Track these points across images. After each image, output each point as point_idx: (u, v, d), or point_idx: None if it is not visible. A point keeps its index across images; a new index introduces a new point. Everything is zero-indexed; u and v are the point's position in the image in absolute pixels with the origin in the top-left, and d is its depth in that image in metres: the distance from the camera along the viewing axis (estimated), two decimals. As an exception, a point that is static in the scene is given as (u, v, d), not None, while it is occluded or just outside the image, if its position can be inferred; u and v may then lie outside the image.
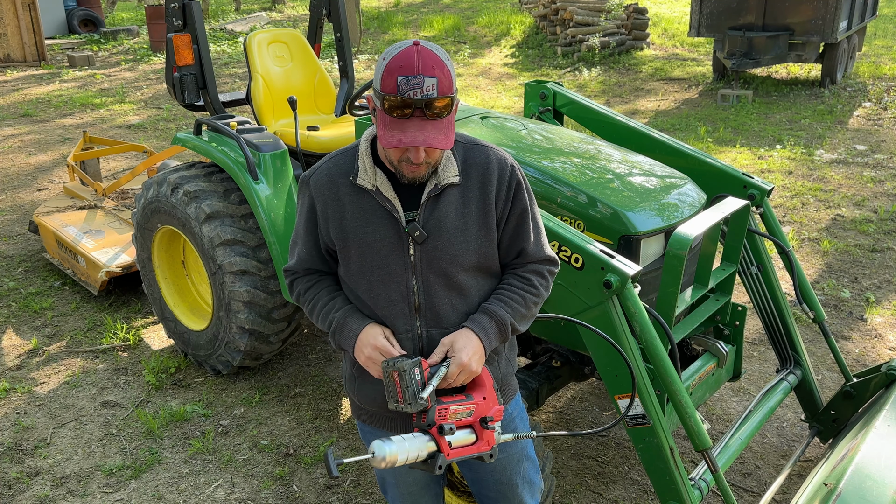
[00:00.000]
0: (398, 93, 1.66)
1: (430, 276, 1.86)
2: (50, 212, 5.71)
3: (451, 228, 1.85)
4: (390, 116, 1.70)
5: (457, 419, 1.78)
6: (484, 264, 1.91)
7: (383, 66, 1.69)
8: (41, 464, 3.50)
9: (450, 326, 1.88)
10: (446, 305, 1.88)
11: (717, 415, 3.75)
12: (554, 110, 3.85)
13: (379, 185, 1.84)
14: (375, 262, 1.86)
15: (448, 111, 1.72)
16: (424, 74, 1.66)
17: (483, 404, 1.81)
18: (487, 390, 1.82)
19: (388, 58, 1.69)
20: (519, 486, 2.12)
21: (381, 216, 1.85)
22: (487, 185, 1.87)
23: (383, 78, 1.68)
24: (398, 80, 1.66)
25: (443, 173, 1.84)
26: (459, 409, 1.77)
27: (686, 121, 9.48)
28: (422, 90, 1.66)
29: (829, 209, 6.43)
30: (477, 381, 1.83)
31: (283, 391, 4.04)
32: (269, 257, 3.71)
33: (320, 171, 1.92)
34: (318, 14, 4.57)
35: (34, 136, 9.66)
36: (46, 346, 4.56)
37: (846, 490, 2.26)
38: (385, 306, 1.88)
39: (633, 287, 2.41)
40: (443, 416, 1.75)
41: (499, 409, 1.82)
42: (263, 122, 4.15)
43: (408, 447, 1.70)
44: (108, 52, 16.30)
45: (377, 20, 17.66)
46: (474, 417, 1.80)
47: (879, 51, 13.59)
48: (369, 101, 1.80)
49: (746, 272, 3.25)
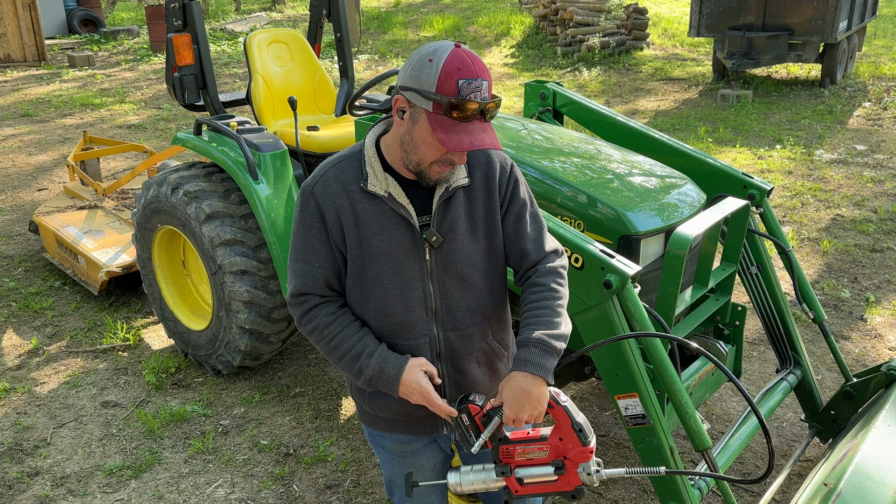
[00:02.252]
0: (460, 95, 1.65)
1: (446, 280, 1.86)
2: (50, 212, 5.71)
3: (463, 230, 1.85)
4: (450, 119, 1.67)
5: (527, 458, 1.77)
6: (494, 263, 1.93)
7: (438, 68, 1.66)
8: (41, 464, 3.50)
9: (466, 327, 1.89)
10: (462, 308, 1.89)
11: (717, 415, 3.75)
12: (554, 110, 3.85)
13: (391, 191, 1.81)
14: (392, 270, 1.83)
15: (497, 112, 1.75)
16: (481, 78, 1.67)
17: (559, 445, 1.77)
18: (564, 431, 1.76)
19: (439, 60, 1.66)
20: None
21: (395, 222, 1.81)
22: (492, 183, 1.88)
23: (441, 80, 1.65)
24: (459, 83, 1.65)
25: (452, 176, 1.84)
26: (530, 449, 1.77)
27: (686, 121, 9.48)
28: (480, 93, 1.67)
29: (829, 209, 6.43)
30: (558, 421, 1.77)
31: (283, 391, 4.04)
32: (269, 257, 3.71)
33: (326, 179, 1.84)
34: (318, 14, 4.57)
35: (34, 136, 9.66)
36: (46, 346, 4.56)
37: (846, 490, 2.26)
38: (401, 313, 1.86)
39: (633, 287, 2.41)
40: (509, 455, 1.77)
41: (582, 450, 1.75)
42: (263, 122, 4.15)
43: (474, 479, 1.80)
44: (108, 52, 16.30)
45: (377, 20, 17.66)
46: (549, 457, 1.77)
47: (879, 51, 13.59)
48: (397, 102, 1.74)
49: (746, 272, 3.25)
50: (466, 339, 1.91)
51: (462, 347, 1.91)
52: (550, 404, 1.77)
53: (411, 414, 1.94)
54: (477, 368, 1.95)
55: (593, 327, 2.50)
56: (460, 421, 1.79)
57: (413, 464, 2.04)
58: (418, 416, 1.95)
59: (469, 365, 1.93)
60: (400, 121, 1.76)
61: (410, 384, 1.80)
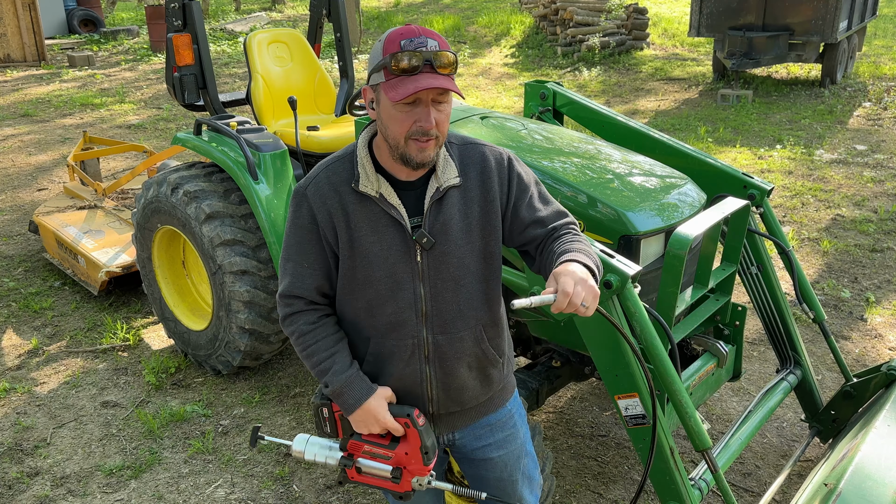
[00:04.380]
0: (402, 49, 1.66)
1: (437, 282, 1.83)
2: (50, 212, 5.71)
3: (457, 231, 1.82)
4: (397, 76, 1.67)
5: (371, 456, 1.88)
6: (489, 266, 1.89)
7: (382, 41, 1.71)
8: (41, 464, 3.50)
9: (456, 331, 1.86)
10: (453, 310, 1.86)
11: (717, 415, 3.75)
12: (554, 110, 3.84)
13: (383, 192, 1.79)
14: (382, 272, 1.81)
15: (454, 70, 1.71)
16: (425, 36, 1.68)
17: (403, 457, 1.86)
18: (412, 449, 1.85)
19: (385, 35, 1.72)
20: (519, 482, 2.12)
21: (386, 224, 1.80)
22: (488, 183, 1.85)
23: (385, 47, 1.69)
24: (401, 43, 1.67)
25: (443, 176, 1.81)
26: (375, 451, 1.88)
27: (686, 121, 9.48)
28: (426, 47, 1.67)
29: (829, 209, 6.43)
30: (407, 436, 1.85)
31: (283, 391, 4.04)
32: (269, 257, 3.71)
33: (318, 180, 1.83)
34: (318, 14, 4.57)
35: (34, 136, 9.66)
36: (46, 346, 4.56)
37: (846, 490, 2.26)
38: (391, 314, 1.84)
39: (633, 287, 2.41)
40: (356, 449, 1.88)
41: (421, 468, 1.85)
42: (263, 122, 4.15)
43: (318, 452, 1.91)
44: (108, 52, 16.30)
45: (377, 20, 17.67)
46: (391, 464, 1.86)
47: (879, 51, 13.59)
48: (365, 94, 1.77)
49: (746, 272, 3.25)
50: (456, 342, 1.88)
51: (451, 351, 1.88)
52: (407, 424, 1.84)
53: None
54: (467, 373, 1.92)
55: (593, 327, 2.50)
56: (320, 412, 1.92)
57: None
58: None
59: (459, 369, 1.90)
60: (373, 111, 1.77)
61: (366, 418, 1.84)
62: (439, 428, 1.98)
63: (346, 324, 1.92)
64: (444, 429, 1.99)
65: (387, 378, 1.89)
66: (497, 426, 2.04)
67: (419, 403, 1.91)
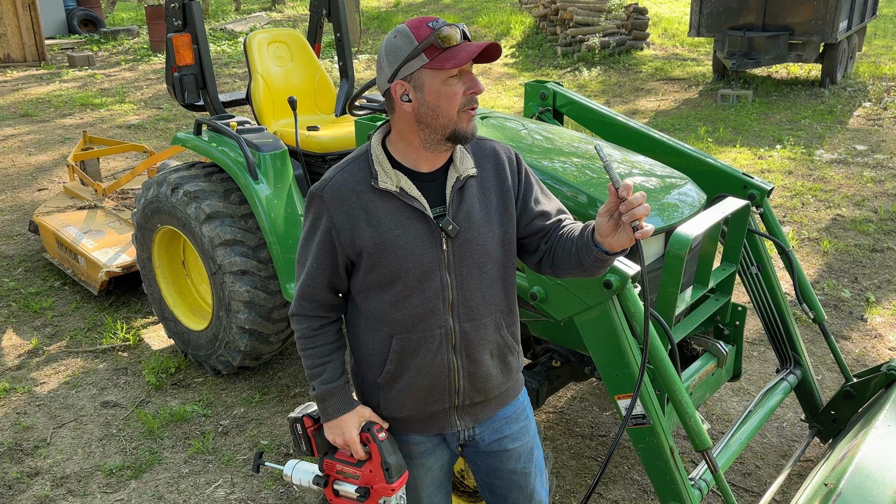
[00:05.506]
0: (436, 29, 1.75)
1: (462, 270, 1.87)
2: (50, 212, 5.71)
3: (479, 219, 1.87)
4: (443, 51, 1.75)
5: (343, 476, 1.97)
6: (507, 253, 1.95)
7: (407, 31, 1.77)
8: (41, 464, 3.50)
9: (480, 318, 1.91)
10: (478, 297, 1.90)
11: (717, 415, 3.75)
12: (554, 110, 3.84)
13: (403, 186, 1.83)
14: (410, 263, 1.84)
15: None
16: (441, 20, 1.79)
17: (369, 476, 1.92)
18: (375, 466, 1.91)
19: (402, 29, 1.78)
20: (532, 475, 2.13)
21: (410, 216, 1.83)
22: (502, 174, 1.92)
23: (416, 35, 1.76)
24: (430, 24, 1.77)
25: (461, 166, 1.87)
26: (346, 470, 1.96)
27: (686, 121, 9.48)
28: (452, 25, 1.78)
29: (829, 209, 6.43)
30: (372, 455, 1.92)
31: (283, 391, 4.04)
32: (269, 257, 3.71)
33: (335, 182, 1.84)
34: (318, 14, 4.57)
35: (34, 136, 9.66)
36: (46, 346, 4.56)
37: (846, 490, 2.26)
38: (419, 304, 1.86)
39: (633, 287, 2.41)
40: (331, 468, 1.98)
41: (385, 486, 1.91)
42: (263, 122, 4.15)
43: (302, 476, 2.03)
44: (108, 52, 16.30)
45: (377, 20, 17.67)
46: (359, 482, 1.94)
47: (879, 51, 13.60)
48: (395, 90, 1.79)
49: (746, 272, 3.25)
50: (480, 329, 1.92)
51: (476, 339, 1.92)
52: (369, 439, 1.91)
53: (426, 409, 1.95)
54: (490, 360, 1.96)
55: (593, 327, 2.50)
56: (295, 428, 2.02)
57: (422, 465, 2.04)
58: (433, 410, 1.95)
59: (483, 356, 1.94)
60: (407, 104, 1.79)
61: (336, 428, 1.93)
62: (463, 421, 2.00)
63: (368, 322, 1.93)
64: (467, 422, 2.01)
65: (413, 373, 1.91)
66: (512, 418, 2.07)
67: (445, 396, 1.93)
